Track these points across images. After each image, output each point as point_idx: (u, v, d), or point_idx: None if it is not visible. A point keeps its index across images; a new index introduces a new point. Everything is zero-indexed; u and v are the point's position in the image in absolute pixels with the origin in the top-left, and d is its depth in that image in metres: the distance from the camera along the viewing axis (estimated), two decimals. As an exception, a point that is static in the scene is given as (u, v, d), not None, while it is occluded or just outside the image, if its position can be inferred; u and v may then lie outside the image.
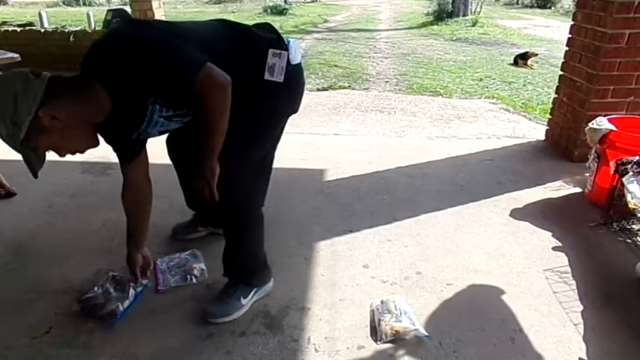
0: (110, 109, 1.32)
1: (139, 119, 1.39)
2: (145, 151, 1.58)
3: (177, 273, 1.84)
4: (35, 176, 1.29)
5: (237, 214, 1.59)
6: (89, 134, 1.35)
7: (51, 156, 1.37)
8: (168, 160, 1.87)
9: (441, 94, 4.86)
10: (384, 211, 2.36)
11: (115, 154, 1.55)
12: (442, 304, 1.72)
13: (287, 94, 1.56)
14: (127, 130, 1.44)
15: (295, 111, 1.65)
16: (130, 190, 1.60)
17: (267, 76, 1.46)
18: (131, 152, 1.55)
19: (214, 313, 1.62)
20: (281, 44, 1.49)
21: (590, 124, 2.43)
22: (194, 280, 1.81)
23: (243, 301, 1.66)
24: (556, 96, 3.25)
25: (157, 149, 1.62)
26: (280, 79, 1.47)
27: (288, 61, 1.48)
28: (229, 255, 1.67)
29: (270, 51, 1.45)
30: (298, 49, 1.54)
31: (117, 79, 1.27)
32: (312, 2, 20.17)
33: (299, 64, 1.56)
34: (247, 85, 1.44)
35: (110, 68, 1.26)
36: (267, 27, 1.59)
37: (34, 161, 1.27)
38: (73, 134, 1.30)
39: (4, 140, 1.22)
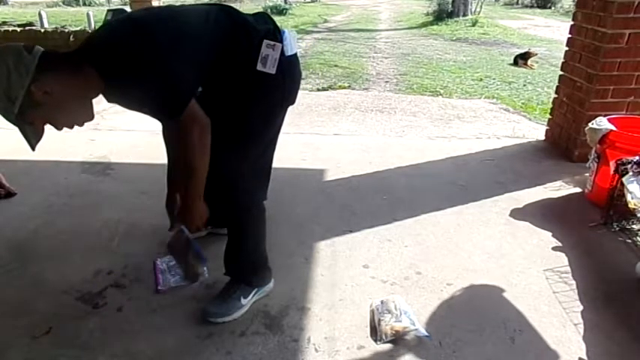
0: (104, 88, 1.33)
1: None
2: None
3: (178, 273, 1.84)
4: (32, 149, 1.29)
5: (239, 211, 1.59)
6: (85, 108, 1.34)
7: (51, 156, 1.37)
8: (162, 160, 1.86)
9: (441, 94, 4.86)
10: (384, 211, 2.36)
11: (114, 154, 1.56)
12: (442, 304, 1.72)
13: (281, 86, 1.53)
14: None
15: (292, 102, 1.62)
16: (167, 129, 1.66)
17: (259, 67, 1.44)
18: None
19: (214, 312, 1.62)
20: (276, 35, 1.48)
21: (590, 124, 2.43)
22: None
23: (244, 301, 1.66)
24: (556, 96, 3.25)
25: (156, 149, 1.62)
26: (272, 70, 1.45)
27: (283, 52, 1.46)
28: (232, 252, 1.67)
29: (265, 42, 1.44)
30: (293, 39, 1.52)
31: (111, 81, 1.30)
32: (312, 2, 20.17)
33: (294, 55, 1.54)
34: (241, 76, 1.44)
35: (106, 69, 1.28)
36: (265, 17, 1.57)
37: (30, 135, 1.27)
38: (68, 108, 1.29)
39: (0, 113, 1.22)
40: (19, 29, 6.23)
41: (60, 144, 3.07)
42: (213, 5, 1.53)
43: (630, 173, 2.04)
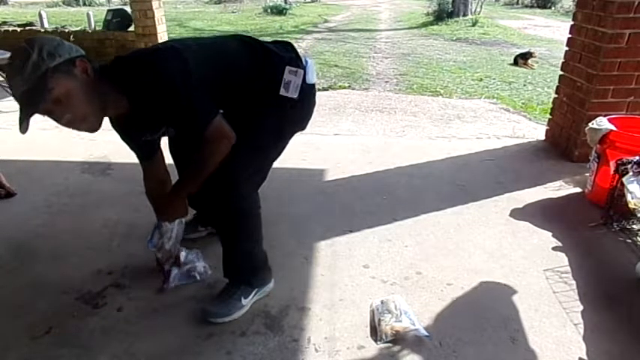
0: (126, 113, 1.44)
1: (152, 130, 1.57)
2: (161, 149, 1.71)
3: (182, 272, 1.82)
4: (22, 129, 1.25)
5: (237, 217, 1.59)
6: (97, 116, 1.38)
7: (51, 156, 1.37)
8: (167, 161, 1.87)
9: (441, 94, 4.86)
10: (384, 211, 2.36)
11: (114, 154, 1.58)
12: (442, 304, 1.72)
13: (299, 111, 1.64)
14: (141, 131, 1.58)
15: (303, 128, 1.72)
16: (151, 183, 1.74)
17: (282, 92, 1.54)
18: (147, 151, 1.68)
19: (215, 313, 1.62)
20: (298, 63, 1.57)
21: (590, 124, 2.43)
22: (197, 278, 1.80)
23: (244, 302, 1.66)
24: (556, 96, 3.25)
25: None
26: (295, 95, 1.55)
27: (304, 79, 1.56)
28: (229, 257, 1.67)
29: (287, 68, 1.53)
30: (314, 69, 1.62)
31: (140, 104, 1.40)
32: (312, 2, 20.16)
33: (313, 85, 1.63)
34: (262, 98, 1.54)
35: (136, 94, 1.37)
36: (287, 46, 1.66)
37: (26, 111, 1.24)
38: (88, 102, 1.31)
39: (22, 70, 1.20)
40: (19, 29, 6.23)
41: (60, 144, 3.08)
42: (238, 37, 1.63)
43: (630, 173, 2.04)
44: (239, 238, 1.63)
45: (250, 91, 1.53)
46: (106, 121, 1.64)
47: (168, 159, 1.85)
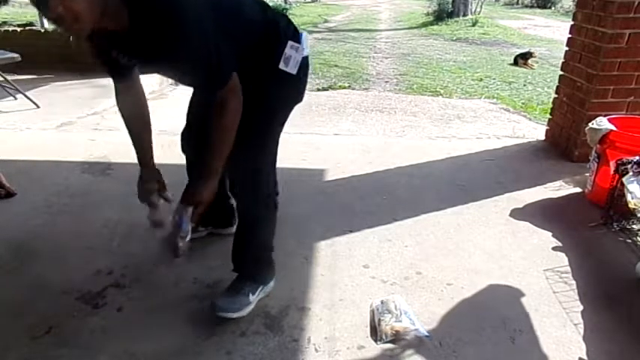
0: (121, 30, 1.26)
1: (146, 61, 1.40)
2: (136, 69, 1.52)
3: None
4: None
5: (259, 202, 1.59)
6: (90, 21, 1.19)
7: (51, 156, 1.36)
8: (168, 161, 1.87)
9: (441, 94, 4.86)
10: (384, 211, 2.36)
11: (114, 154, 1.55)
12: (442, 304, 1.72)
13: (296, 85, 1.59)
14: (126, 55, 1.40)
15: (301, 100, 1.66)
16: (124, 98, 1.56)
17: (281, 66, 1.48)
18: (122, 70, 1.49)
19: (226, 307, 1.61)
20: (297, 37, 1.53)
21: (590, 124, 2.44)
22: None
23: (251, 298, 1.66)
24: (556, 96, 3.25)
25: (155, 149, 1.62)
26: (294, 71, 1.50)
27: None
28: (242, 249, 1.67)
29: (289, 42, 1.48)
30: (307, 41, 1.58)
31: (142, 29, 1.23)
32: (312, 2, 20.15)
33: (307, 57, 1.59)
34: (261, 70, 1.49)
35: (143, 17, 1.21)
36: (285, 17, 1.60)
37: None
38: (88, 1, 1.15)
39: None
40: (19, 29, 6.22)
41: (60, 144, 3.07)
42: None
43: (630, 173, 2.04)
44: (258, 228, 1.64)
45: (251, 59, 1.46)
46: (107, 122, 1.63)
47: (174, 160, 1.85)
